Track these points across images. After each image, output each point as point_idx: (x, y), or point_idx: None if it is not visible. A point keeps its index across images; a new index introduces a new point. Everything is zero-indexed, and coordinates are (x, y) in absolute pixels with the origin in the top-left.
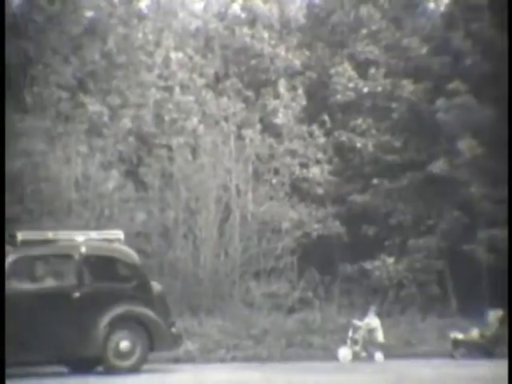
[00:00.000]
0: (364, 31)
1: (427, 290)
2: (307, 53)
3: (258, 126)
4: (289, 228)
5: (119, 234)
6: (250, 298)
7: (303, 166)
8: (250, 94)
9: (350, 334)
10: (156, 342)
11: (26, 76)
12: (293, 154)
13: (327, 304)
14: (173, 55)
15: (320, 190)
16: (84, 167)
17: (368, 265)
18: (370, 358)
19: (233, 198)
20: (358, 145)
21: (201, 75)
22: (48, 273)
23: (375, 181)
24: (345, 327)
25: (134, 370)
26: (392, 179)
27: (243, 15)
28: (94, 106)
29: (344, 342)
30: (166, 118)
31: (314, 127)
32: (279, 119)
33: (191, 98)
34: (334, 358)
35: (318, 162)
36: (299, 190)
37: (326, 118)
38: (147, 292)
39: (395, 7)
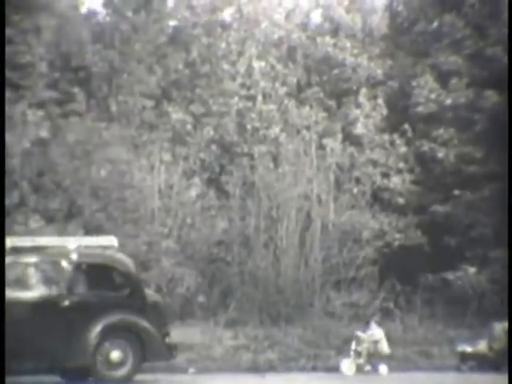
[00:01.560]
0: (447, 40)
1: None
2: (389, 62)
3: (339, 135)
4: (370, 237)
5: (113, 241)
6: (330, 308)
7: (384, 175)
8: (331, 103)
9: (353, 346)
10: (149, 352)
11: (111, 85)
12: (374, 163)
13: (408, 314)
14: (255, 64)
15: (401, 200)
16: (167, 175)
17: (450, 275)
18: (375, 370)
19: (314, 206)
20: (440, 155)
21: (283, 84)
22: (39, 280)
23: (456, 191)
24: (426, 338)
25: (126, 380)
26: (473, 190)
27: (326, 25)
28: (177, 114)
29: (424, 353)
30: (248, 126)
31: (395, 136)
32: (360, 128)
33: (273, 106)
34: (417, 368)
35: (399, 171)
36: (380, 200)
37: (407, 127)
38: (141, 300)
39: (479, 15)
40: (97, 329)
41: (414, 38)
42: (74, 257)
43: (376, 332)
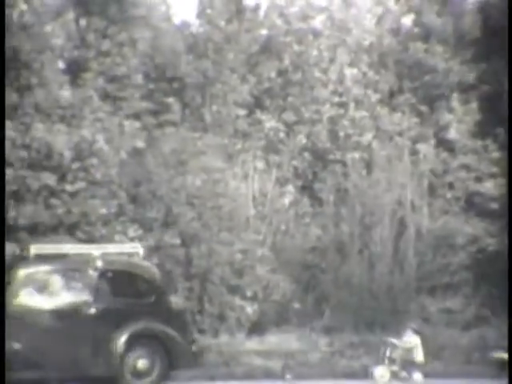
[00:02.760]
0: None
1: None
2: (482, 66)
3: (432, 141)
4: (464, 243)
5: (137, 248)
6: (425, 314)
7: (478, 180)
8: (423, 108)
9: (388, 353)
10: (175, 361)
11: (205, 95)
12: (467, 168)
13: (504, 320)
14: (347, 71)
15: (495, 205)
16: (261, 183)
17: None
18: (409, 378)
19: (408, 212)
20: None
21: (375, 91)
22: (63, 288)
23: None
24: None
25: None
26: None
27: (417, 29)
28: (270, 122)
29: None
30: (341, 133)
31: (488, 141)
32: (453, 133)
33: (365, 113)
34: None
35: (492, 176)
36: (474, 205)
37: (501, 131)
38: (166, 308)
39: None
40: (123, 337)
41: (506, 40)
42: (99, 264)
43: (411, 339)
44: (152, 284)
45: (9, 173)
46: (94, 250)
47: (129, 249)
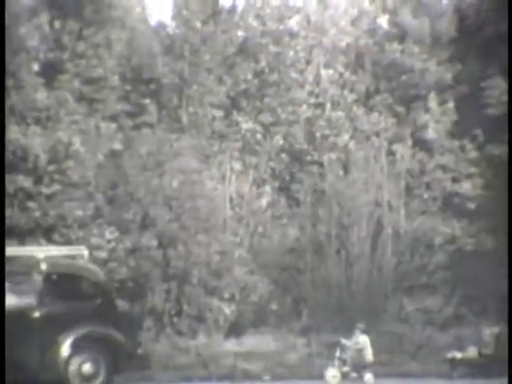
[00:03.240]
0: None
1: None
2: (459, 66)
3: (409, 141)
4: (441, 243)
5: (82, 250)
6: (403, 314)
7: (455, 180)
8: (400, 109)
9: (338, 353)
10: (121, 364)
11: (182, 96)
12: (444, 168)
13: (481, 319)
14: (323, 72)
15: (472, 205)
16: (238, 184)
17: None
18: (360, 378)
19: (385, 213)
20: None
21: (351, 91)
22: (8, 291)
23: None
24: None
25: None
26: None
27: (393, 31)
28: (247, 123)
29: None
30: (318, 134)
31: (466, 141)
32: (430, 134)
33: (342, 114)
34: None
35: (469, 176)
36: (451, 205)
37: (479, 131)
38: (112, 311)
39: None
40: (68, 341)
41: (483, 40)
42: (44, 267)
43: (360, 340)
44: (98, 286)
45: None
46: (38, 253)
47: (73, 251)
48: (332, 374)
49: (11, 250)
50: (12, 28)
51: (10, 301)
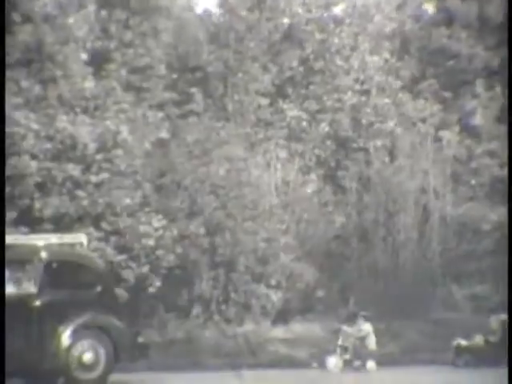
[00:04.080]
0: None
1: None
2: (506, 51)
3: (456, 127)
4: (489, 229)
5: (81, 238)
6: (451, 301)
7: (502, 165)
8: (447, 94)
9: (340, 341)
10: (122, 353)
11: (227, 84)
12: (491, 154)
13: None
14: (369, 58)
15: None
16: (284, 172)
17: None
18: (362, 366)
19: (431, 199)
20: None
21: (397, 77)
22: (7, 280)
23: None
24: None
25: (99, 382)
26: None
27: (440, 15)
28: (292, 111)
29: None
30: (363, 121)
31: None
32: (477, 119)
33: (388, 100)
34: None
35: None
36: (499, 191)
37: None
38: (112, 299)
39: None
40: (69, 329)
41: None
42: (44, 255)
43: (363, 327)
44: (98, 274)
45: (33, 165)
46: (38, 241)
47: (73, 239)
48: (334, 361)
49: (11, 239)
50: (60, 18)
51: (10, 289)
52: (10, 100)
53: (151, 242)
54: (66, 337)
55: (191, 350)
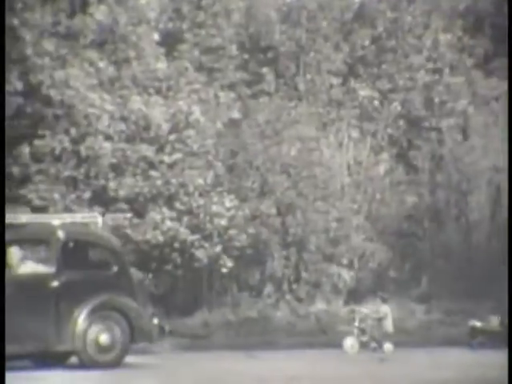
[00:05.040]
0: None
1: None
2: None
3: None
4: None
5: (96, 217)
6: None
7: None
8: None
9: (357, 323)
10: (137, 334)
11: (299, 64)
12: None
13: None
14: (441, 37)
15: None
16: (356, 152)
17: None
18: (379, 348)
19: (504, 178)
20: None
21: (470, 55)
22: (22, 259)
23: None
24: None
25: (115, 363)
26: None
27: None
28: (364, 91)
29: None
30: (436, 100)
31: None
32: None
33: (461, 78)
34: None
35: None
36: None
37: None
38: (128, 280)
39: None
40: (85, 310)
41: None
42: (61, 234)
43: (381, 309)
44: (114, 254)
45: (108, 146)
46: (54, 220)
47: (87, 218)
48: (350, 343)
49: (27, 218)
50: (132, 0)
51: (27, 269)
52: (85, 81)
53: (223, 222)
54: (83, 318)
55: (264, 328)
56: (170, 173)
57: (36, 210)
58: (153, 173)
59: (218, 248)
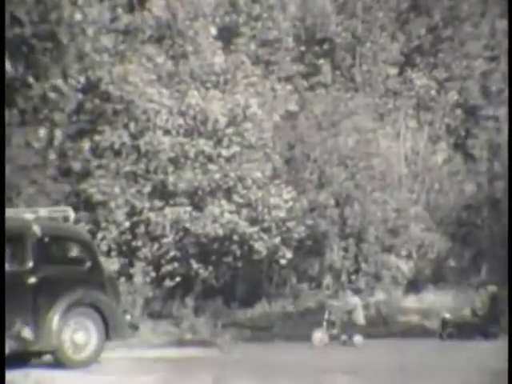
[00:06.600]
0: None
1: None
2: None
3: None
4: None
5: (68, 211)
6: None
7: None
8: None
9: (326, 315)
10: (112, 331)
11: (355, 55)
12: None
13: None
14: (499, 24)
15: None
16: (413, 142)
17: None
18: (349, 341)
19: None
20: None
21: None
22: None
23: None
24: None
25: (91, 361)
26: None
27: None
28: (421, 80)
29: None
30: (493, 88)
31: None
32: None
33: None
34: None
35: None
36: None
37: None
38: (100, 275)
39: None
40: (61, 307)
41: None
42: (36, 229)
43: (351, 301)
44: (88, 249)
45: (166, 140)
46: (27, 215)
47: (60, 212)
48: (319, 336)
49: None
50: None
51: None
52: (144, 76)
53: (282, 214)
54: (58, 315)
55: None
56: (228, 166)
57: (95, 204)
58: (211, 166)
59: (277, 240)
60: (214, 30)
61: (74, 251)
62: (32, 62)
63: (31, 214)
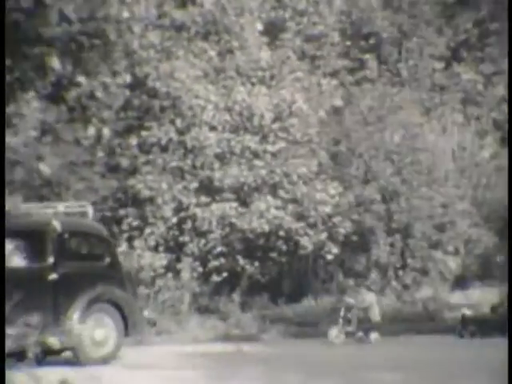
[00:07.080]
0: None
1: None
2: None
3: None
4: None
5: (86, 207)
6: None
7: None
8: None
9: (342, 313)
10: (131, 327)
11: (401, 49)
12: None
13: None
14: None
15: None
16: (460, 136)
17: None
18: (366, 338)
19: None
20: None
21: None
22: (14, 251)
23: None
24: None
25: (110, 358)
26: None
27: None
28: (467, 74)
29: None
30: None
31: None
32: None
33: None
34: None
35: None
36: None
37: None
38: (119, 271)
39: None
40: (81, 304)
41: None
42: (57, 225)
43: (367, 298)
44: (107, 245)
45: (212, 136)
46: (48, 210)
47: (78, 208)
48: (335, 333)
49: (24, 208)
50: None
51: (20, 262)
52: (190, 72)
53: (328, 209)
54: (78, 312)
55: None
56: (273, 162)
57: (142, 200)
58: (257, 162)
59: (323, 235)
60: (259, 26)
61: (95, 247)
62: (80, 60)
63: (50, 210)
